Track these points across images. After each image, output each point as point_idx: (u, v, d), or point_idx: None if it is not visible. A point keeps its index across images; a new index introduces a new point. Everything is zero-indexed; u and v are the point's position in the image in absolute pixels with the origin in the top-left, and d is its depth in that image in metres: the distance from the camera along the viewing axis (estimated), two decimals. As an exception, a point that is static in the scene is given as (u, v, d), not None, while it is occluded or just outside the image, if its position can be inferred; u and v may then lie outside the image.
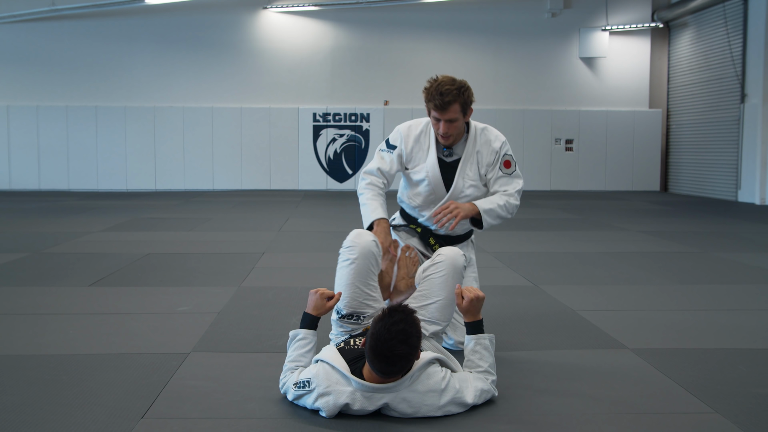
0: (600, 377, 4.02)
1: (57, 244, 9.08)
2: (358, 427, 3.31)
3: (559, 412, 3.50)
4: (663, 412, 3.51)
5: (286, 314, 5.44)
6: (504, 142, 4.48)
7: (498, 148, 4.45)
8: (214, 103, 19.43)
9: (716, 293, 6.41)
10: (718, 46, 17.57)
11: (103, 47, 19.24)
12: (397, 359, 3.24)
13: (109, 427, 3.30)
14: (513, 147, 4.82)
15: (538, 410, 3.53)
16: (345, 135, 19.59)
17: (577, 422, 3.38)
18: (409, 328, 3.25)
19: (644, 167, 20.05)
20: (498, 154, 4.44)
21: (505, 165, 4.45)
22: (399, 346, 3.21)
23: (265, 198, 16.87)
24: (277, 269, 7.51)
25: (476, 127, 4.48)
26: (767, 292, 6.47)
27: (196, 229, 10.82)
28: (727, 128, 17.18)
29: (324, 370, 3.45)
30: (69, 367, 4.19)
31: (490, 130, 4.52)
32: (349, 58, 19.68)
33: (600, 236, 10.03)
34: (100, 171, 19.28)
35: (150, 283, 6.76)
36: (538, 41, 19.81)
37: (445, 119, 4.26)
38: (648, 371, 4.09)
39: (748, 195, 16.15)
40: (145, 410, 3.49)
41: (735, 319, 5.47)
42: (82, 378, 3.98)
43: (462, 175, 4.42)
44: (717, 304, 5.99)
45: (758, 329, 5.17)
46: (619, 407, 3.57)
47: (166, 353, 4.44)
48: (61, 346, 4.62)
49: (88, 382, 3.92)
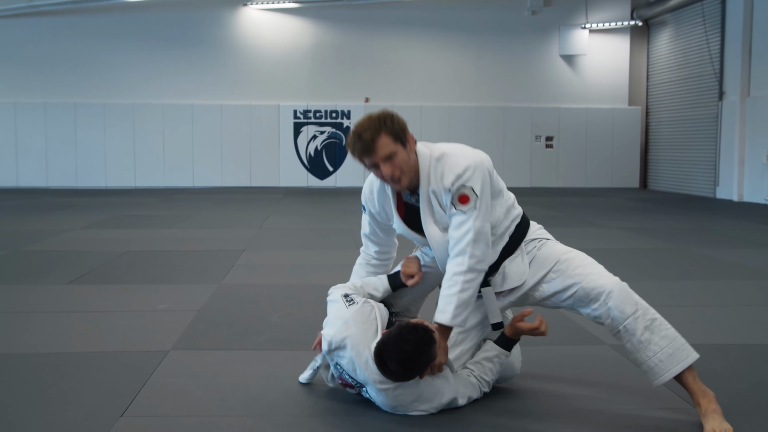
0: (579, 373, 4.04)
1: (36, 242, 9.02)
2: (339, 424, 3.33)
3: (538, 408, 3.53)
4: (641, 407, 3.54)
5: (266, 311, 5.43)
6: (459, 175, 3.38)
7: (450, 184, 3.39)
8: (194, 100, 19.36)
9: (694, 289, 6.45)
10: (696, 44, 17.69)
11: (83, 44, 19.11)
12: (397, 375, 3.24)
13: (88, 425, 3.29)
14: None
15: (517, 405, 3.55)
16: (326, 132, 19.58)
17: (555, 418, 3.41)
18: (417, 352, 3.19)
19: (624, 164, 20.17)
20: (451, 192, 3.40)
21: (460, 200, 3.38)
22: (403, 364, 3.19)
23: (245, 195, 16.83)
24: (257, 267, 7.49)
25: (431, 158, 3.47)
26: (745, 288, 6.53)
27: (176, 227, 10.78)
28: (706, 125, 17.30)
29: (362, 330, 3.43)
30: (48, 365, 4.16)
31: (447, 158, 3.45)
32: (329, 55, 19.65)
33: (580, 233, 10.08)
34: (79, 168, 19.16)
35: (130, 280, 6.73)
36: (518, 39, 19.86)
37: (380, 159, 3.37)
38: (626, 367, 4.12)
39: (726, 192, 16.28)
40: (125, 408, 3.48)
41: (713, 314, 5.52)
42: (62, 376, 3.96)
43: (427, 224, 3.52)
44: (695, 300, 6.04)
45: (736, 325, 5.22)
46: (598, 404, 3.59)
47: (146, 351, 4.42)
48: (41, 345, 4.59)
49: (67, 380, 3.90)
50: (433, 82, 19.77)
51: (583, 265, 3.53)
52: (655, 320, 3.43)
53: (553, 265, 3.54)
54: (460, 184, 3.38)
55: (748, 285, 6.68)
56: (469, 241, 3.37)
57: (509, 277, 3.56)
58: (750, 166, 15.57)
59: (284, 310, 5.50)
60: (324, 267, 7.35)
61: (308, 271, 7.22)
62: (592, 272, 3.48)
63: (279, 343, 4.65)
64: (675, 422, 3.35)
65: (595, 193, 17.96)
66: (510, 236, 3.60)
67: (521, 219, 3.68)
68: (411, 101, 19.58)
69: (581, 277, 3.47)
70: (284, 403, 3.57)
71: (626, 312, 3.39)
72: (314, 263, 7.66)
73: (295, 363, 4.14)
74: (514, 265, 3.57)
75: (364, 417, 3.40)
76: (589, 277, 3.46)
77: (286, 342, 4.65)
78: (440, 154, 3.45)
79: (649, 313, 3.45)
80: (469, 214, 3.37)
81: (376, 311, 3.47)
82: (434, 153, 3.47)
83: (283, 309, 5.52)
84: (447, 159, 3.43)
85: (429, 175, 3.44)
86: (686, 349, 3.42)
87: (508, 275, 3.56)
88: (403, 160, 3.40)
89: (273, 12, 19.46)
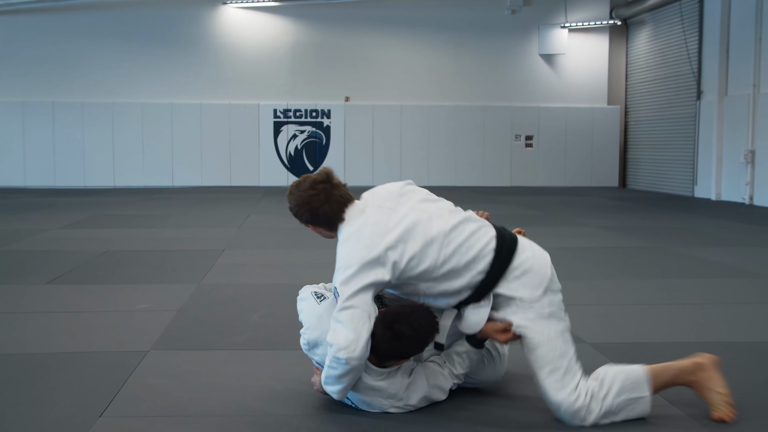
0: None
1: (14, 242, 8.95)
2: (320, 424, 3.32)
3: (518, 407, 3.54)
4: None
5: (246, 311, 5.42)
6: (341, 240, 3.39)
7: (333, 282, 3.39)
8: (173, 99, 19.27)
9: (673, 288, 6.49)
10: (674, 44, 17.81)
11: (61, 42, 18.96)
12: (405, 340, 3.25)
13: (66, 426, 3.27)
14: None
15: (495, 404, 3.56)
16: (306, 131, 19.55)
17: (534, 418, 3.42)
18: (426, 333, 3.28)
19: (603, 163, 20.27)
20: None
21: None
22: (416, 332, 3.25)
23: (225, 194, 16.78)
24: (237, 266, 7.47)
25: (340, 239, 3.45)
26: (723, 287, 6.58)
27: (155, 226, 10.73)
28: (684, 125, 17.42)
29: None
30: (26, 366, 4.14)
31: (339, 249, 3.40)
32: (309, 54, 19.62)
33: (559, 232, 10.13)
34: (58, 168, 19.02)
35: (109, 280, 6.69)
36: (498, 38, 19.91)
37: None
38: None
39: (704, 190, 16.39)
40: (104, 409, 3.46)
41: (691, 312, 5.56)
42: (40, 377, 3.93)
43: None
44: (673, 299, 6.08)
45: (713, 323, 5.26)
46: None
47: (125, 351, 4.40)
48: (18, 345, 4.56)
49: (45, 381, 3.87)
50: (414, 81, 19.79)
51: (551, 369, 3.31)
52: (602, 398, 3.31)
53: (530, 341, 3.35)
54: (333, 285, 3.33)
55: (727, 283, 6.73)
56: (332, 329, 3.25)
57: (465, 321, 3.45)
58: (728, 164, 15.68)
59: (264, 309, 5.49)
60: (304, 266, 7.34)
61: (288, 270, 7.21)
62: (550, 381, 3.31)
63: (259, 342, 4.64)
64: (654, 421, 3.37)
65: (574, 192, 18.03)
66: (471, 292, 3.42)
67: (489, 272, 3.39)
68: (391, 100, 19.60)
69: (540, 373, 3.33)
70: (264, 402, 3.57)
71: (573, 422, 3.32)
72: (294, 262, 7.65)
73: (275, 362, 4.14)
74: (473, 312, 3.43)
75: (346, 416, 3.40)
76: (546, 382, 3.32)
77: (266, 342, 4.65)
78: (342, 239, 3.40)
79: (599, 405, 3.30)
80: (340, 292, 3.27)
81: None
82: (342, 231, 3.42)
83: (263, 308, 5.51)
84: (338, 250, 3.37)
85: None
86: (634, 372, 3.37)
87: (464, 318, 3.45)
88: (328, 234, 3.53)
89: (252, 11, 19.40)
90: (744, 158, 14.99)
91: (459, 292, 3.40)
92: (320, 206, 3.41)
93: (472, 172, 19.79)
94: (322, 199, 3.41)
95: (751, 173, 14.91)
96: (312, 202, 3.42)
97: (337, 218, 3.43)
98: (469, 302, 3.44)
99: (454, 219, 3.44)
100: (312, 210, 3.43)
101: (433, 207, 3.49)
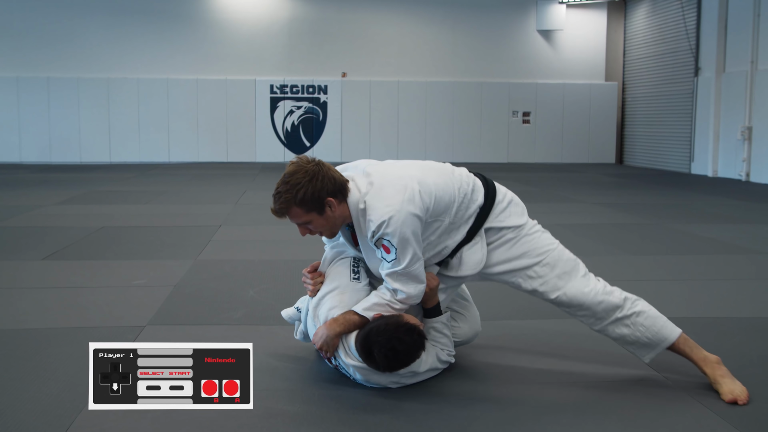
0: (554, 347, 4.07)
1: (9, 218, 8.93)
2: (316, 398, 3.33)
3: (515, 380, 3.56)
4: (615, 380, 3.58)
5: (242, 287, 5.42)
6: (374, 232, 3.27)
7: (371, 235, 3.30)
8: (169, 75, 19.16)
9: (670, 264, 6.51)
10: (672, 20, 17.73)
11: (55, 17, 18.81)
12: (378, 366, 3.26)
13: (62, 401, 3.28)
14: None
15: (494, 377, 3.58)
16: (303, 107, 19.48)
17: (531, 390, 3.44)
18: (406, 354, 3.24)
19: (600, 140, 20.24)
20: (374, 242, 3.32)
21: (384, 248, 3.30)
22: (389, 361, 3.22)
23: (221, 170, 16.74)
24: (233, 242, 7.47)
25: (357, 208, 3.34)
26: (719, 263, 6.60)
27: (151, 202, 10.72)
28: (681, 101, 17.38)
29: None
30: (22, 341, 4.14)
31: (368, 211, 3.30)
32: (306, 29, 19.50)
33: (556, 208, 10.13)
34: (53, 143, 18.94)
35: (105, 256, 6.68)
36: (495, 14, 19.80)
37: (295, 223, 3.46)
38: (602, 341, 4.14)
39: (701, 167, 16.38)
40: (100, 384, 3.46)
41: (688, 288, 5.58)
42: (36, 352, 3.94)
43: (371, 260, 3.49)
44: (670, 275, 6.09)
45: (710, 299, 5.28)
46: (573, 377, 3.63)
47: (122, 327, 4.40)
48: (15, 321, 4.56)
49: (41, 356, 3.88)
50: (410, 57, 19.69)
51: (567, 271, 3.51)
52: (637, 314, 3.46)
53: (533, 263, 3.52)
54: (379, 237, 3.27)
55: (723, 259, 6.75)
56: (395, 285, 3.33)
57: (465, 264, 3.50)
58: (725, 141, 15.67)
59: (260, 285, 5.49)
60: (300, 242, 7.31)
61: (284, 246, 7.21)
62: (574, 280, 3.49)
63: (255, 318, 4.65)
64: (648, 394, 3.39)
65: (571, 169, 18.02)
66: (469, 227, 3.49)
67: (482, 207, 3.51)
68: (388, 76, 19.51)
69: (564, 289, 3.48)
70: (260, 378, 3.57)
71: (607, 318, 3.45)
72: (290, 239, 7.63)
73: (272, 338, 4.14)
74: (471, 252, 3.49)
75: (341, 391, 3.41)
76: (571, 285, 3.48)
77: (262, 317, 4.65)
78: (364, 205, 3.30)
79: (633, 308, 3.47)
80: (393, 264, 3.29)
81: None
82: (360, 202, 3.32)
83: (259, 284, 5.51)
84: (368, 211, 3.28)
85: (360, 225, 3.36)
86: (669, 327, 3.49)
87: (464, 261, 3.50)
88: (319, 225, 3.38)
89: (249, -15, 19.28)
90: (741, 135, 14.98)
91: (459, 228, 3.46)
92: (321, 178, 3.30)
93: (469, 148, 19.75)
94: (319, 176, 3.31)
95: (747, 150, 14.90)
96: (313, 180, 3.30)
97: (344, 188, 3.34)
98: (463, 245, 3.49)
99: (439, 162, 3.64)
100: (315, 188, 3.29)
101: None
